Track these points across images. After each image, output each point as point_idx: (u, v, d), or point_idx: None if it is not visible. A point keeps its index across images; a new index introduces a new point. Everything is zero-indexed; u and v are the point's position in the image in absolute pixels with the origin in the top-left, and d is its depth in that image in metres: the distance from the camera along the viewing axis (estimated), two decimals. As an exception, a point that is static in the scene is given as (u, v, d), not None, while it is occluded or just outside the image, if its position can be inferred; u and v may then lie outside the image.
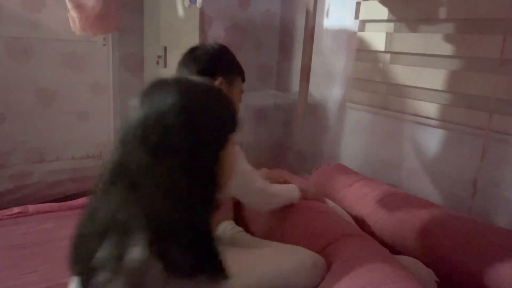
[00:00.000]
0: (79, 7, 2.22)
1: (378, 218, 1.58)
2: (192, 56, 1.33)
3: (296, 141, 2.38)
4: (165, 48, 2.70)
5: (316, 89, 2.44)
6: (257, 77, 2.77)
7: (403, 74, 1.96)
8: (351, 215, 1.66)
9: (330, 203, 1.64)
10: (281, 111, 2.67)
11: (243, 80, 1.41)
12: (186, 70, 1.31)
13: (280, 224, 1.42)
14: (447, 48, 1.77)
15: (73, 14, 2.27)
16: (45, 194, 2.65)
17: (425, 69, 1.86)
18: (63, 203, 1.81)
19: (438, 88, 1.81)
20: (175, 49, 2.63)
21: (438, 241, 1.38)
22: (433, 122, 1.84)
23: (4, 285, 1.19)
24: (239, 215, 1.60)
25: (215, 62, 1.33)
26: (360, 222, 1.62)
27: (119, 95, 2.92)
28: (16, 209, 1.67)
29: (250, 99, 2.51)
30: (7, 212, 1.65)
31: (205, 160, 0.74)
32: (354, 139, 2.28)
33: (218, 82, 1.31)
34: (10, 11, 2.45)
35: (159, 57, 2.74)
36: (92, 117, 2.89)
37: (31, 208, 1.71)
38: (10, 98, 2.56)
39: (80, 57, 2.75)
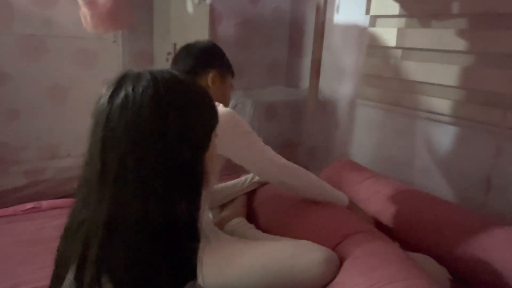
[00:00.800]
0: (90, 3, 2.23)
1: (389, 215, 1.57)
2: (186, 52, 1.38)
3: (307, 138, 2.37)
4: (175, 45, 2.70)
5: (326, 85, 2.43)
6: (267, 73, 2.77)
7: (415, 70, 1.94)
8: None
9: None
10: (291, 108, 2.66)
11: (233, 75, 1.45)
12: (180, 66, 1.35)
13: (292, 221, 1.42)
14: (460, 44, 1.74)
15: (84, 11, 2.28)
16: (58, 190, 2.68)
17: (438, 65, 1.84)
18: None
19: (451, 84, 1.78)
20: (185, 46, 2.64)
21: (450, 239, 1.37)
22: (446, 119, 1.82)
23: (19, 279, 1.20)
24: (251, 212, 1.60)
25: (208, 57, 1.38)
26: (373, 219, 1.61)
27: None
28: (29, 205, 1.69)
29: (260, 96, 2.51)
30: (20, 207, 1.67)
31: (186, 162, 0.67)
32: (365, 136, 2.26)
33: (211, 75, 1.35)
34: (23, 8, 2.47)
35: (169, 54, 2.75)
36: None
37: (45, 203, 1.73)
38: (24, 95, 2.58)
39: (91, 55, 2.76)
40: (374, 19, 2.18)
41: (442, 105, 1.83)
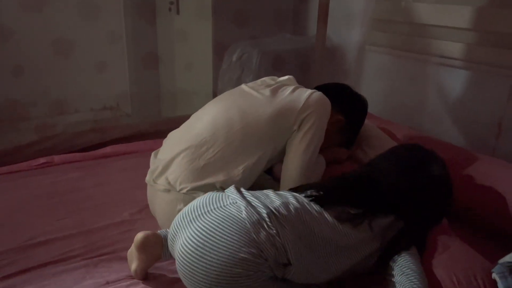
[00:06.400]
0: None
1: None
2: None
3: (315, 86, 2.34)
4: (178, -6, 2.62)
5: (334, 31, 2.36)
6: (273, 21, 2.69)
7: (427, 12, 1.88)
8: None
9: None
10: (298, 56, 2.60)
11: None
12: None
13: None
14: (475, -17, 1.67)
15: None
16: (69, 145, 2.71)
17: (451, 6, 1.78)
18: (86, 153, 1.85)
19: (464, 26, 1.73)
20: (188, -6, 2.56)
21: (461, 183, 1.37)
22: (458, 63, 1.78)
23: (40, 230, 1.24)
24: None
25: None
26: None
27: (133, 43, 2.89)
28: (42, 160, 1.71)
29: (266, 45, 2.45)
30: (34, 162, 1.70)
31: None
32: (374, 83, 2.23)
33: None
34: (19, -41, 2.38)
35: (171, 3, 2.67)
36: (108, 67, 2.88)
37: (57, 158, 1.75)
38: (27, 49, 2.55)
39: (93, 5, 2.70)
40: (384, -41, 2.08)
41: (454, 48, 1.79)
